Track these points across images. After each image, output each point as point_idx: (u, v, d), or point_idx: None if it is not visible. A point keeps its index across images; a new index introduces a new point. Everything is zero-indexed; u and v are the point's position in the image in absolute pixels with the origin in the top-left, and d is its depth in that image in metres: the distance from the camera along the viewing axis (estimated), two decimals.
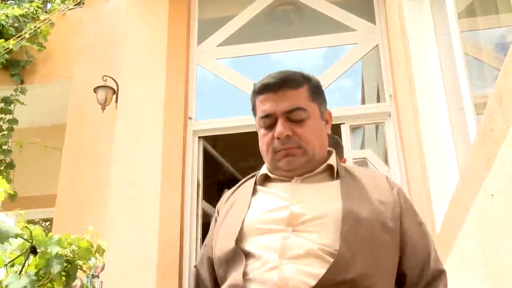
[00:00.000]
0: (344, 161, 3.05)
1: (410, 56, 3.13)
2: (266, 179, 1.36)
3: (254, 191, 1.34)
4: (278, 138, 1.28)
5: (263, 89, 1.34)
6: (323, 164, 1.32)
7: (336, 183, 1.28)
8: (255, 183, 1.36)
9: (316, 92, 1.36)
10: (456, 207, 2.14)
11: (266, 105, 1.32)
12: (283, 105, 1.29)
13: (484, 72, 2.75)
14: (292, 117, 1.29)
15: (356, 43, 4.59)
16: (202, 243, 4.73)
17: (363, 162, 4.31)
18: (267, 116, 1.32)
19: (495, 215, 1.58)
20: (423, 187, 2.98)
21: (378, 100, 4.72)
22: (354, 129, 4.44)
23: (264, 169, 1.38)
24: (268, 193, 1.31)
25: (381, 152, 4.66)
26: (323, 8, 4.75)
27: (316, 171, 1.31)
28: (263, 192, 1.33)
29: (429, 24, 3.08)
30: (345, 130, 4.21)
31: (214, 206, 5.16)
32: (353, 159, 4.13)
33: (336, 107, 4.53)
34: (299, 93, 1.32)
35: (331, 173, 1.32)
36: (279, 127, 1.28)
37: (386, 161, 4.22)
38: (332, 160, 1.34)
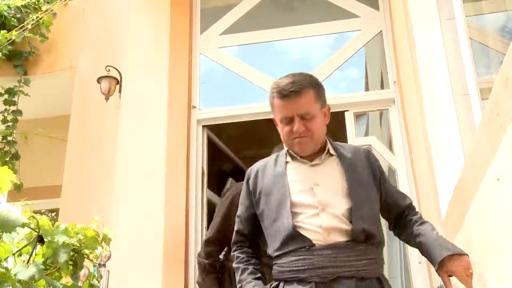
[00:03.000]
0: None
1: (414, 42, 3.11)
2: None
3: None
4: None
5: None
6: None
7: None
8: None
9: None
10: (462, 192, 2.14)
11: None
12: None
13: (489, 57, 2.73)
14: None
15: (360, 30, 4.56)
16: (207, 231, 4.71)
17: None
18: None
19: (501, 200, 1.57)
20: (428, 173, 2.98)
21: (382, 87, 4.70)
22: (358, 116, 4.42)
23: None
24: None
25: (385, 139, 4.65)
26: None
27: None
28: None
29: (433, 8, 3.05)
30: (349, 117, 4.19)
31: (218, 195, 5.12)
32: None
33: (339, 94, 4.52)
34: None
35: None
36: None
37: (390, 147, 4.21)
38: None
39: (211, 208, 4.31)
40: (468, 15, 2.65)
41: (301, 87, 1.86)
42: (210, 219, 4.41)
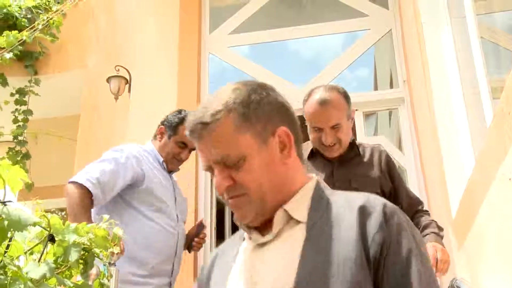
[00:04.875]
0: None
1: (424, 41, 3.10)
2: None
3: None
4: None
5: None
6: None
7: None
8: None
9: None
10: (472, 192, 2.12)
11: None
12: None
13: (500, 56, 2.71)
14: None
15: (369, 29, 4.55)
16: (216, 230, 4.63)
17: None
18: None
19: None
20: (438, 172, 2.96)
21: (391, 86, 4.68)
22: (367, 115, 4.41)
23: None
24: None
25: (394, 139, 4.64)
26: None
27: None
28: None
29: (443, 7, 3.03)
30: (358, 117, 4.18)
31: None
32: None
33: (349, 93, 4.50)
34: None
35: None
36: None
37: (400, 147, 4.19)
38: None
39: (220, 207, 4.32)
40: (478, 13, 2.63)
41: (212, 118, 1.08)
42: (219, 218, 4.42)
